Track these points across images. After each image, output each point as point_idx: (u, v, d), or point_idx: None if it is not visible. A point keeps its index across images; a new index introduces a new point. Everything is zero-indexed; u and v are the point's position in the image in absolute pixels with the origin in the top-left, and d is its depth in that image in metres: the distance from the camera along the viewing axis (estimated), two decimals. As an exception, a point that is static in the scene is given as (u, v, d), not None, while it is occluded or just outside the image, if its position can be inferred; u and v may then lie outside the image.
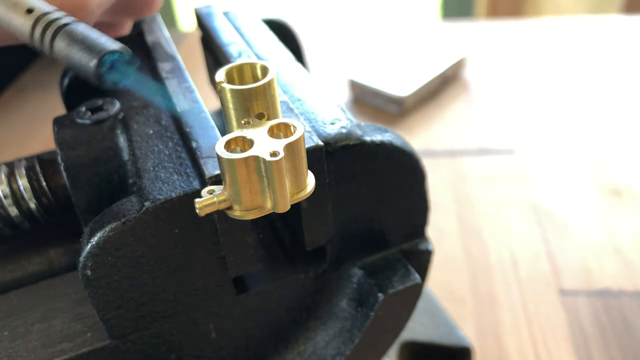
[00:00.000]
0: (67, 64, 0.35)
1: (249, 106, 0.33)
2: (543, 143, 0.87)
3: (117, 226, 0.37)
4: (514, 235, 0.72)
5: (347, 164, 0.41)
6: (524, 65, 1.07)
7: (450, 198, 0.78)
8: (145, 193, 0.37)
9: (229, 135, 0.32)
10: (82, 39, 0.34)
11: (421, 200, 0.46)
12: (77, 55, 0.34)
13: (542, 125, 0.91)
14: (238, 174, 0.31)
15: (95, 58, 0.33)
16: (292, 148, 0.31)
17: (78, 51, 0.34)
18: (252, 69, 0.35)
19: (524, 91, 1.00)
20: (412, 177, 0.44)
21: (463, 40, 1.13)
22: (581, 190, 0.78)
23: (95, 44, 0.34)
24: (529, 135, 0.89)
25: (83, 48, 0.34)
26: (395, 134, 0.44)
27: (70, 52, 0.34)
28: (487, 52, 1.10)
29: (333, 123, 0.42)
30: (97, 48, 0.33)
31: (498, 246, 0.71)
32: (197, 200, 0.32)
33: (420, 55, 1.04)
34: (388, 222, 0.46)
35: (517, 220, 0.74)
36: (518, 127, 0.91)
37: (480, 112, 0.95)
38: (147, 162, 0.40)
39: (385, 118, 0.95)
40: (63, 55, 0.35)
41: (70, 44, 0.34)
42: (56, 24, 0.35)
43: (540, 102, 0.97)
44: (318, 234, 0.43)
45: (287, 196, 0.32)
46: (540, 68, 1.05)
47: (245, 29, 0.55)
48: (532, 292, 0.66)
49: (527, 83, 1.02)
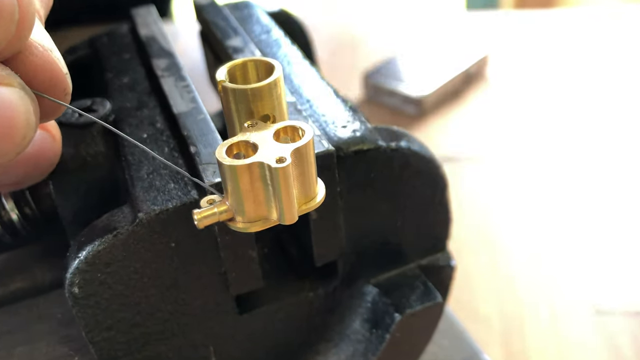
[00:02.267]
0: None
1: (253, 108, 0.33)
2: (575, 147, 0.87)
3: (107, 239, 0.37)
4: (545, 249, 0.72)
5: (361, 170, 0.41)
6: (555, 60, 1.06)
7: (474, 208, 0.78)
8: (138, 203, 0.37)
9: (231, 139, 0.32)
10: None
11: (442, 210, 0.46)
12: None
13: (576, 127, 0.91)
14: (241, 181, 0.31)
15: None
16: (300, 153, 0.31)
17: None
18: (256, 66, 0.35)
19: (555, 89, 0.99)
20: (432, 185, 0.44)
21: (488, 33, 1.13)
22: (623, 197, 0.78)
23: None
24: (560, 138, 0.89)
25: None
26: (413, 138, 0.44)
27: None
28: (514, 46, 1.10)
29: (345, 126, 0.42)
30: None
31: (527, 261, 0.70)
32: (195, 211, 0.32)
33: (440, 50, 1.04)
34: (405, 234, 0.46)
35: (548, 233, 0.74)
36: (549, 130, 0.90)
37: (506, 113, 0.94)
38: (140, 169, 0.40)
39: (402, 120, 0.94)
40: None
41: None
42: None
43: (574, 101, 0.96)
44: (328, 248, 0.43)
45: (295, 206, 0.32)
46: (573, 63, 1.05)
47: (249, 22, 0.55)
48: (564, 312, 0.66)
49: (559, 80, 1.01)
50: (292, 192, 0.31)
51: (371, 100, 0.98)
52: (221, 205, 0.32)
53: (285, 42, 0.52)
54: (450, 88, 0.97)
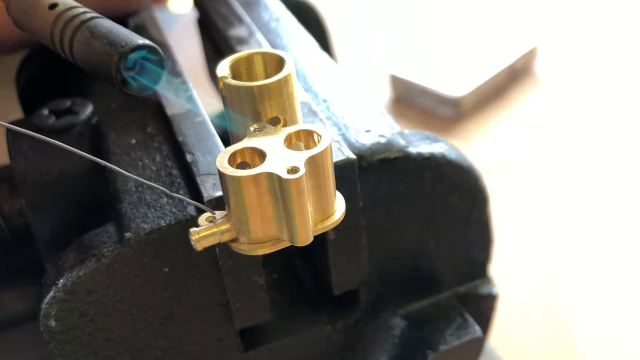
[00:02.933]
0: (86, 64, 0.37)
1: (260, 108, 0.33)
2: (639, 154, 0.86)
3: (89, 264, 0.37)
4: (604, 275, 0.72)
5: (387, 183, 0.41)
6: (616, 53, 1.06)
7: (522, 227, 0.77)
8: (125, 221, 0.37)
9: (235, 146, 0.32)
10: (105, 34, 0.36)
11: (482, 230, 0.46)
12: (98, 52, 0.35)
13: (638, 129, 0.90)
14: (246, 195, 0.31)
15: (117, 53, 0.35)
16: (315, 163, 0.31)
17: (99, 47, 0.35)
18: (264, 60, 0.35)
19: (616, 87, 0.99)
20: (470, 199, 0.44)
21: (536, 21, 1.12)
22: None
23: (120, 38, 0.35)
24: (622, 144, 0.88)
25: (105, 43, 0.35)
26: (449, 145, 0.44)
27: (90, 48, 0.36)
28: (567, 37, 1.09)
29: (369, 130, 0.42)
30: (121, 42, 0.35)
31: (582, 290, 0.70)
32: (192, 230, 0.32)
33: (481, 42, 1.04)
34: (439, 258, 0.46)
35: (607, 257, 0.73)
36: (609, 136, 0.90)
37: (558, 115, 0.94)
38: (128, 180, 0.40)
39: (436, 123, 0.94)
40: (83, 54, 0.36)
41: (90, 39, 0.36)
42: (79, 19, 0.37)
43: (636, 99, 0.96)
44: (349, 274, 0.43)
45: (309, 225, 0.32)
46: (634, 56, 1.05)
47: (255, 8, 0.55)
48: (624, 352, 0.65)
49: (620, 77, 1.01)
50: (307, 208, 0.31)
51: (400, 100, 0.98)
52: (223, 223, 0.32)
53: (299, 32, 0.52)
54: (492, 86, 0.97)
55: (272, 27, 0.52)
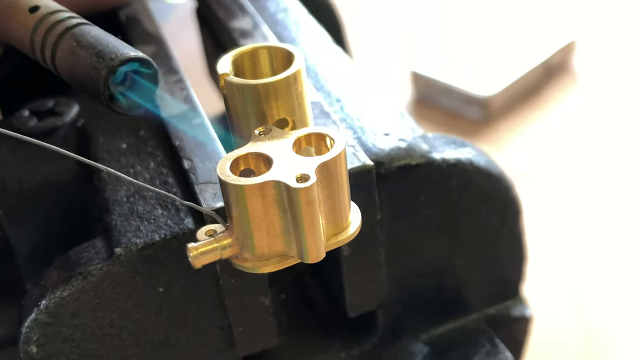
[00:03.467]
0: (71, 77, 0.36)
1: (266, 109, 0.33)
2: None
3: (74, 283, 0.36)
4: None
5: (408, 192, 0.41)
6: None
7: (558, 242, 0.77)
8: (115, 234, 0.37)
9: (237, 151, 0.32)
10: (93, 43, 0.35)
11: (514, 245, 0.46)
12: (84, 64, 0.35)
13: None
14: (250, 207, 0.31)
15: (106, 67, 0.34)
16: (328, 170, 0.31)
17: (85, 58, 0.35)
18: (270, 55, 0.35)
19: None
20: (501, 211, 0.44)
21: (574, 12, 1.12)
22: None
23: (109, 49, 0.35)
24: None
25: (92, 54, 0.35)
26: (477, 149, 0.44)
27: (75, 59, 0.35)
28: (608, 30, 1.09)
29: (387, 134, 0.42)
30: (111, 54, 0.34)
31: (624, 311, 0.70)
32: (190, 246, 0.32)
33: (512, 36, 1.04)
34: (467, 276, 0.46)
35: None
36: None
37: (598, 116, 0.94)
38: (118, 189, 0.40)
39: (462, 126, 0.94)
40: (67, 65, 0.36)
41: (76, 49, 0.35)
42: (63, 25, 0.36)
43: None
44: (365, 294, 0.42)
45: (322, 239, 0.32)
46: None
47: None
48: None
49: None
50: (318, 221, 0.31)
51: (422, 100, 0.98)
52: (224, 238, 0.32)
53: (309, 24, 0.52)
54: (524, 84, 0.97)
55: (279, 19, 0.52)
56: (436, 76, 0.97)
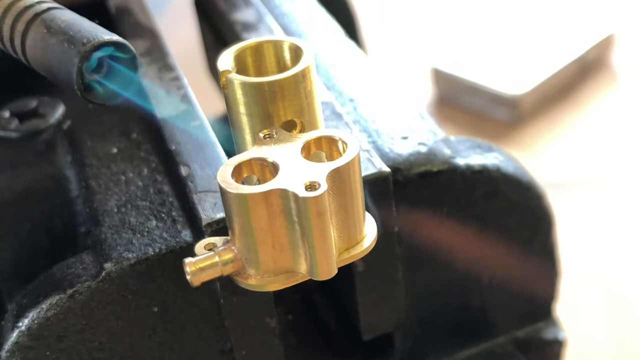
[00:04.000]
0: (42, 67, 0.36)
1: (272, 110, 0.33)
2: None
3: (60, 301, 0.36)
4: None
5: (429, 202, 0.41)
6: None
7: (595, 257, 0.77)
8: (105, 248, 0.37)
9: (240, 156, 0.32)
10: (64, 28, 0.35)
11: (546, 260, 0.46)
12: (55, 51, 0.35)
13: None
14: (254, 218, 0.31)
15: (78, 53, 0.34)
16: (340, 177, 0.31)
17: (56, 44, 0.35)
18: (276, 50, 0.35)
19: None
20: (531, 223, 0.44)
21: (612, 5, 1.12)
22: None
23: (81, 33, 0.35)
24: None
25: (63, 40, 0.35)
26: (505, 154, 0.44)
27: (45, 47, 0.35)
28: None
29: (406, 137, 0.42)
30: (83, 39, 0.34)
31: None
32: (188, 261, 0.32)
33: (544, 30, 1.04)
34: (494, 295, 0.45)
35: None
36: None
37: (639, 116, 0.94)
38: (108, 199, 0.40)
39: (489, 128, 0.94)
40: (37, 54, 0.36)
41: (46, 36, 0.35)
42: (33, 10, 0.36)
43: None
44: (381, 315, 0.42)
45: (333, 254, 0.32)
46: None
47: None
48: None
49: None
50: (329, 234, 0.31)
51: (445, 100, 0.98)
52: (226, 252, 0.32)
53: (319, 15, 0.52)
54: (558, 82, 0.97)
55: (286, 10, 0.53)
56: (460, 73, 0.97)
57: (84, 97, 0.34)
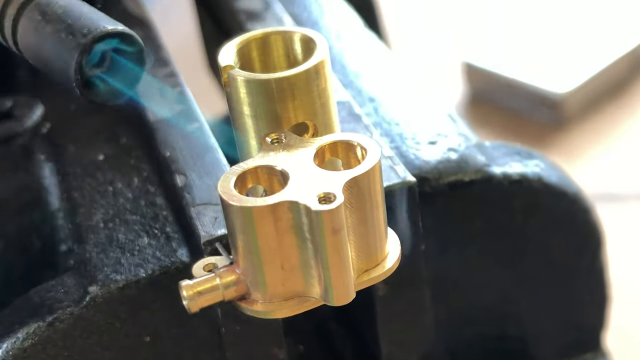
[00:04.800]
0: (36, 59, 0.36)
1: (281, 111, 0.33)
2: None
3: (38, 330, 0.36)
4: None
5: (460, 216, 0.41)
6: None
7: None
8: (90, 269, 0.37)
9: (244, 163, 0.32)
10: (61, 15, 0.35)
11: (595, 282, 0.46)
12: (51, 42, 0.35)
13: None
14: (260, 235, 0.31)
15: (77, 45, 0.34)
16: (358, 188, 0.31)
17: (52, 34, 0.35)
18: (285, 42, 0.35)
19: None
20: (578, 240, 0.44)
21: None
22: None
23: (81, 22, 0.35)
24: None
25: (60, 29, 0.35)
26: (548, 162, 0.44)
27: (40, 36, 0.35)
28: None
29: (434, 142, 0.42)
30: (83, 29, 0.34)
31: None
32: (184, 285, 0.32)
33: (591, 21, 1.04)
34: (534, 322, 0.46)
35: None
36: None
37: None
38: (93, 212, 0.40)
39: (529, 132, 0.94)
40: (30, 44, 0.36)
41: (41, 24, 0.35)
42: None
43: None
44: (406, 345, 0.42)
45: (351, 276, 0.32)
46: None
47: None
48: None
49: None
50: (346, 253, 0.31)
51: (478, 99, 0.98)
52: (228, 273, 0.32)
53: (335, 3, 0.52)
54: (607, 80, 0.97)
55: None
56: (496, 69, 0.97)
57: (84, 95, 0.35)
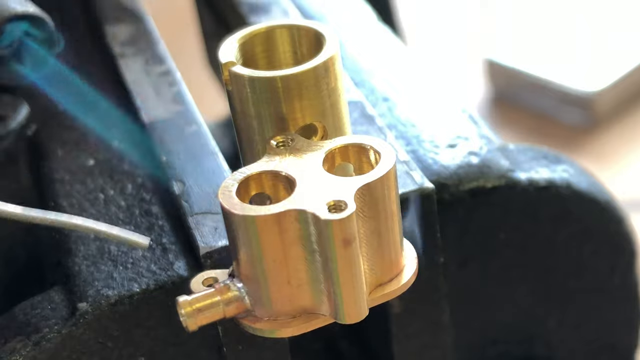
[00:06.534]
0: None
1: (287, 111, 0.33)
2: None
3: (23, 349, 0.36)
4: None
5: (482, 225, 0.41)
6: None
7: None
8: (79, 284, 0.37)
9: (247, 168, 0.32)
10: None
11: (627, 298, 0.46)
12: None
13: None
14: (265, 246, 0.30)
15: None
16: (371, 195, 0.31)
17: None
18: (292, 37, 0.35)
19: None
20: (610, 251, 0.44)
21: None
22: None
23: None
24: None
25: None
26: (577, 167, 0.44)
27: None
28: None
29: (453, 145, 0.42)
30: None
31: None
32: (182, 300, 0.32)
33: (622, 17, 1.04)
34: (563, 341, 0.45)
35: None
36: None
37: None
38: (83, 223, 0.40)
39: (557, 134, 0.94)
40: None
41: None
42: None
43: None
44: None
45: (363, 291, 0.31)
46: None
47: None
48: None
49: None
50: (359, 266, 0.31)
51: (502, 99, 0.98)
52: (229, 288, 0.32)
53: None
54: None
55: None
56: (521, 67, 0.97)
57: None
